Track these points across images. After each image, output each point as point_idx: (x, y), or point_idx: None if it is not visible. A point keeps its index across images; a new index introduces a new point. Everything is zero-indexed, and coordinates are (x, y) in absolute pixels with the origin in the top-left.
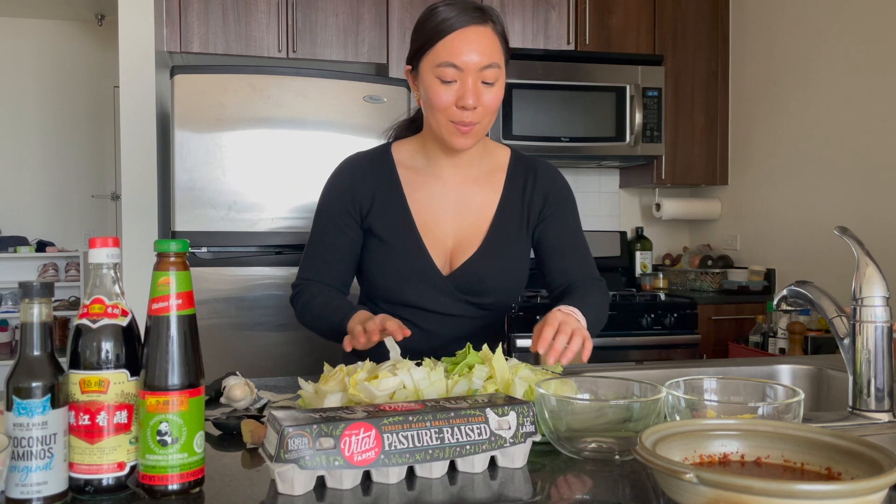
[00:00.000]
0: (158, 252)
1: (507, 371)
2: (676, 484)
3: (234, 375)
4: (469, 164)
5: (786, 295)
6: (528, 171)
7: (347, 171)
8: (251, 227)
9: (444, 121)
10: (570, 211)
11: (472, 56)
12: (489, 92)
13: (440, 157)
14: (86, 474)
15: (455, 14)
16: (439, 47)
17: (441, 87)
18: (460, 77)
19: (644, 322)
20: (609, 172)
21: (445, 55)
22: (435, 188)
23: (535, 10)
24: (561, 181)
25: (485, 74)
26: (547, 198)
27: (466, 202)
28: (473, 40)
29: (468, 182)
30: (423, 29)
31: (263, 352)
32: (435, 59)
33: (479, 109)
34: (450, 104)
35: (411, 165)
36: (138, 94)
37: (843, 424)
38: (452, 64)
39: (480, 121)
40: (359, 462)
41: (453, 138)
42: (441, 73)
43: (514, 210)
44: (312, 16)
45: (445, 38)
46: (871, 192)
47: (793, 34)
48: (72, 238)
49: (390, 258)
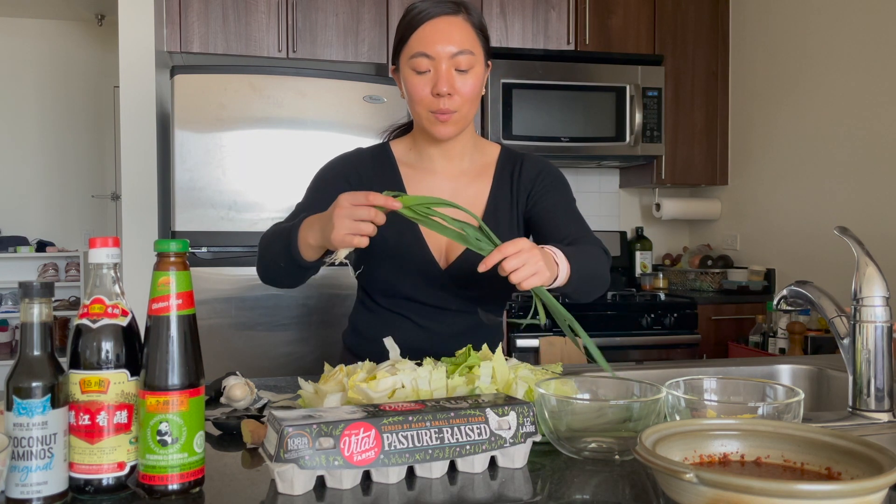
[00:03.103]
0: (158, 252)
1: (507, 371)
2: (676, 484)
3: (234, 375)
4: (460, 158)
5: (786, 295)
6: (515, 162)
7: (352, 158)
8: (251, 227)
9: (423, 112)
10: (562, 188)
11: (443, 44)
12: (463, 79)
13: (431, 150)
14: (86, 474)
15: (427, 7)
16: (412, 40)
17: (416, 78)
18: (433, 66)
19: (644, 322)
20: (609, 172)
21: (418, 46)
22: (430, 182)
23: (535, 10)
24: (549, 167)
25: (457, 61)
26: (535, 181)
27: (459, 195)
28: (443, 29)
29: (460, 176)
30: (399, 26)
31: (263, 352)
32: (409, 52)
33: (456, 97)
34: (426, 94)
35: (407, 161)
36: (138, 94)
37: (843, 424)
38: (424, 53)
39: (459, 109)
40: (358, 462)
41: (434, 128)
42: (415, 63)
43: (505, 200)
44: (312, 16)
45: (417, 30)
46: (871, 192)
47: (793, 34)
48: (72, 238)
49: (389, 250)
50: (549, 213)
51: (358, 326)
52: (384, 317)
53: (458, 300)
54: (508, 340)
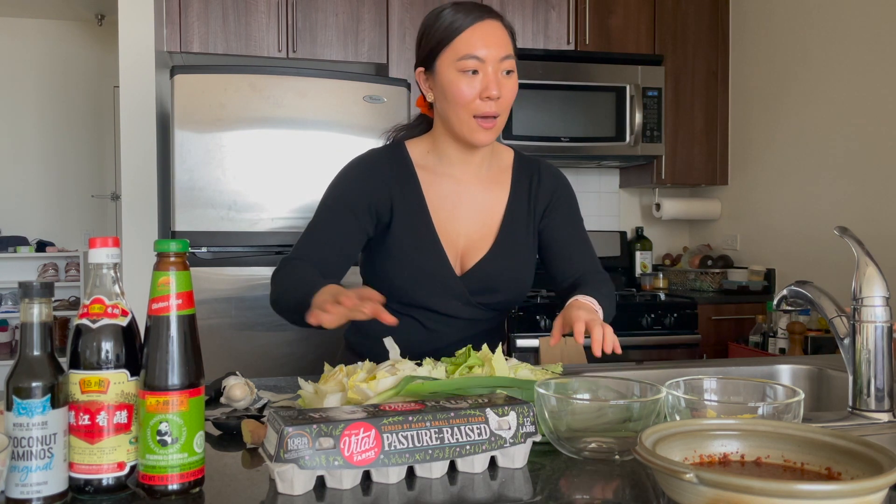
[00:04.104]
0: (158, 252)
1: (507, 371)
2: (676, 484)
3: (235, 375)
4: (479, 164)
5: (786, 295)
6: (531, 170)
7: (368, 163)
8: (251, 227)
9: (466, 116)
10: (573, 206)
11: (494, 47)
12: (509, 82)
13: (453, 155)
14: (86, 474)
15: (465, 12)
16: (458, 43)
17: (464, 80)
18: (482, 68)
19: (644, 322)
20: (609, 172)
21: (466, 48)
22: (448, 187)
23: (535, 10)
24: (564, 179)
25: (504, 65)
26: (551, 195)
27: (477, 202)
28: (490, 32)
29: (478, 182)
30: (434, 30)
31: (263, 352)
32: (455, 55)
33: (501, 101)
34: (473, 97)
35: (424, 164)
36: (138, 94)
37: (843, 424)
38: (475, 56)
39: (501, 113)
40: (358, 462)
41: (475, 134)
42: (463, 65)
43: (522, 209)
44: (312, 16)
45: (463, 34)
46: (871, 191)
47: (793, 34)
48: (72, 238)
49: (408, 256)
50: (561, 232)
51: (361, 325)
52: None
53: (470, 308)
54: (508, 340)
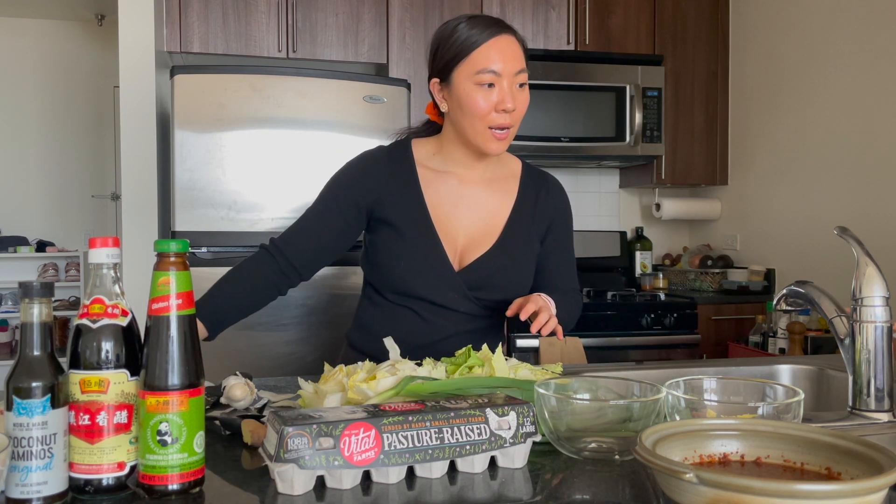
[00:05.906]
0: (158, 252)
1: (506, 371)
2: (676, 484)
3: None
4: (484, 170)
5: (786, 295)
6: (540, 184)
7: (365, 161)
8: (251, 227)
9: (481, 127)
10: (570, 227)
11: (510, 62)
12: (522, 94)
13: (459, 159)
14: (86, 474)
15: (481, 26)
16: (475, 56)
17: (480, 93)
18: (498, 82)
19: (644, 322)
20: (609, 172)
21: (483, 62)
22: (450, 186)
23: (535, 10)
24: (567, 198)
25: (518, 78)
26: (556, 211)
27: (480, 203)
28: (506, 48)
29: (482, 184)
30: (451, 43)
31: (263, 352)
32: (472, 68)
33: (515, 113)
34: (489, 109)
35: (428, 164)
36: (138, 94)
37: (843, 424)
38: (491, 70)
39: (514, 124)
40: (358, 462)
41: (489, 144)
42: (480, 79)
43: (527, 217)
44: (312, 16)
45: (481, 48)
46: (871, 191)
47: (793, 34)
48: (72, 238)
49: (405, 248)
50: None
51: (363, 321)
52: (390, 311)
53: (467, 301)
54: (508, 340)
